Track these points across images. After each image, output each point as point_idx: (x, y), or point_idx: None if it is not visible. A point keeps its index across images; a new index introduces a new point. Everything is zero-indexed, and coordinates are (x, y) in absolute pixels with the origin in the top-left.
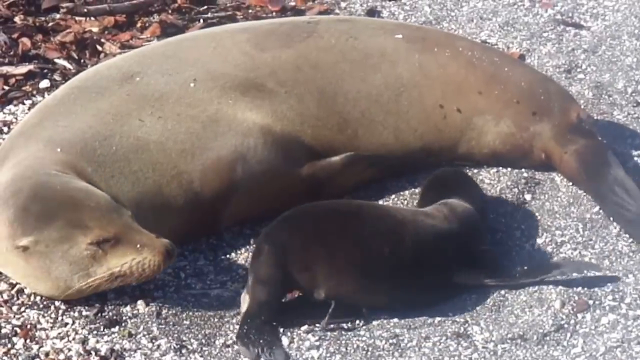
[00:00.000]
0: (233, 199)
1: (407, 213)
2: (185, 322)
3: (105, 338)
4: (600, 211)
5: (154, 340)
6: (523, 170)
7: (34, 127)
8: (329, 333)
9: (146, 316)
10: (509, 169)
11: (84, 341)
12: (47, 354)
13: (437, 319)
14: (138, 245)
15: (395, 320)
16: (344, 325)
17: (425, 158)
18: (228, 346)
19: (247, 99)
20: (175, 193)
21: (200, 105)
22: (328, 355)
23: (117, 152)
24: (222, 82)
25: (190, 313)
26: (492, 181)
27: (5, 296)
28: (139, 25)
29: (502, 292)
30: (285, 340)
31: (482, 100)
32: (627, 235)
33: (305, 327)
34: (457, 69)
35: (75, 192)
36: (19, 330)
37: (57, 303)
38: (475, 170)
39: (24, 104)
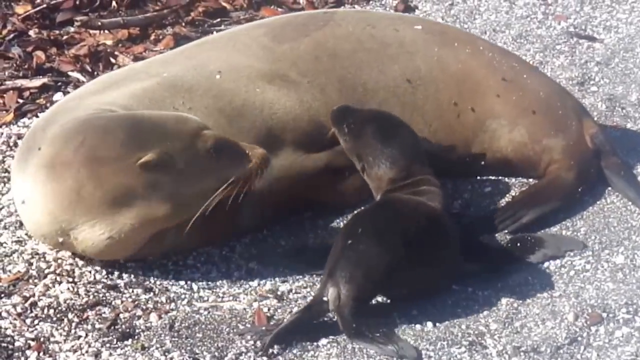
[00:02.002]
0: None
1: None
2: (197, 334)
3: (118, 351)
4: (614, 223)
5: (166, 353)
6: (531, 180)
7: (74, 102)
8: (348, 345)
9: (159, 329)
10: (518, 179)
11: (97, 354)
12: None
13: (451, 331)
14: (247, 151)
15: (410, 331)
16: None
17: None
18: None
19: (274, 87)
20: None
21: (229, 96)
22: None
23: None
24: (248, 72)
25: (203, 326)
26: (502, 191)
27: (18, 309)
28: (152, 37)
29: (515, 304)
30: (297, 351)
31: (499, 104)
32: None
33: (324, 340)
34: (478, 67)
35: (175, 113)
36: (32, 343)
37: (70, 316)
38: (485, 179)
39: (37, 117)
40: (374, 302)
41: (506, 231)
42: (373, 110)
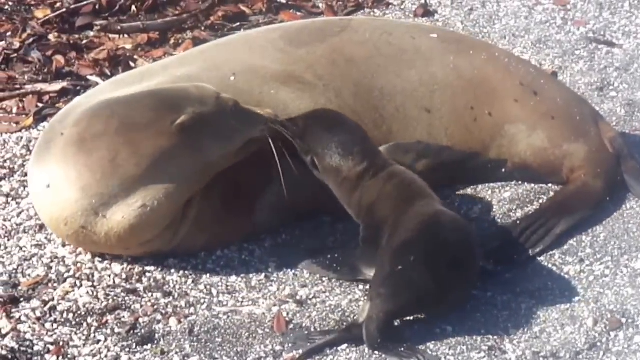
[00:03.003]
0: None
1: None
2: (217, 339)
3: (138, 355)
4: (634, 228)
5: (186, 358)
6: (551, 185)
7: (89, 98)
8: (366, 349)
9: (178, 333)
10: (538, 184)
11: (116, 359)
12: None
13: (470, 336)
14: (257, 110)
15: (429, 336)
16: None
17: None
18: None
19: (288, 89)
20: None
21: (242, 96)
22: None
23: None
24: (262, 74)
25: (222, 330)
26: (522, 196)
27: (38, 313)
28: (172, 42)
29: (534, 309)
30: (316, 355)
31: (517, 108)
32: None
33: (343, 344)
34: (494, 73)
35: (192, 83)
36: (51, 348)
37: (89, 320)
38: (505, 184)
39: None
40: None
41: (541, 247)
42: (312, 110)
